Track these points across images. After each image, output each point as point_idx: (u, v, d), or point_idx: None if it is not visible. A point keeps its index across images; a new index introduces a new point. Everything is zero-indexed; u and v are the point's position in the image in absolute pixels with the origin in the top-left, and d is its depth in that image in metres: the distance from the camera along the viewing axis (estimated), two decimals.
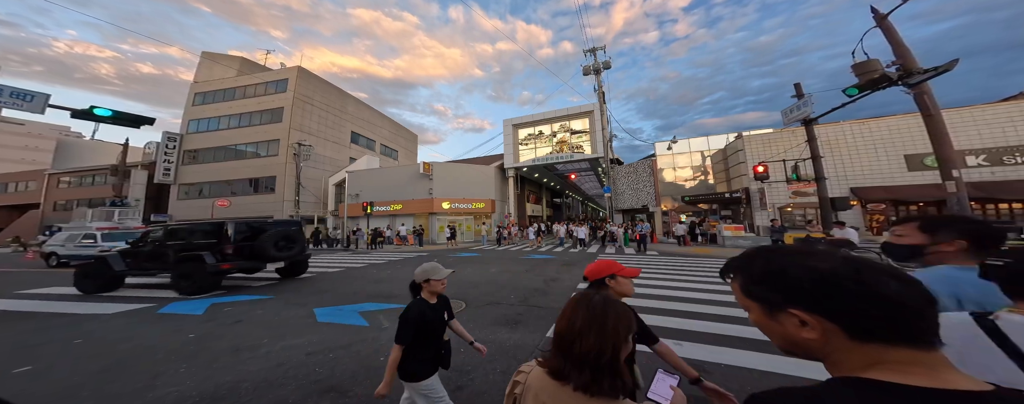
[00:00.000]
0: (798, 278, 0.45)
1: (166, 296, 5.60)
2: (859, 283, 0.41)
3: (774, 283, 0.47)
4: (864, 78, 6.70)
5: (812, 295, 0.44)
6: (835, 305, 0.42)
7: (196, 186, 24.32)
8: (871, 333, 0.41)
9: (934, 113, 6.39)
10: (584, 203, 48.95)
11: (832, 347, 0.43)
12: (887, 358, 0.40)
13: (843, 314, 0.42)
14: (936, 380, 0.37)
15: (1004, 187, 11.53)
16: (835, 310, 0.42)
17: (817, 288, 0.43)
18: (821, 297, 0.43)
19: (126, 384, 2.55)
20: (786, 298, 0.45)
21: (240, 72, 26.26)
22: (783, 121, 9.48)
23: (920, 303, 0.40)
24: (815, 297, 0.43)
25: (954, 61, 5.88)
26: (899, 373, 0.38)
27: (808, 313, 0.43)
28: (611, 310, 0.75)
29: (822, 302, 0.43)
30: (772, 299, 0.47)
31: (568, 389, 0.72)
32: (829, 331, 0.42)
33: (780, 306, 0.46)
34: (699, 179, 21.75)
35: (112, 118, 5.78)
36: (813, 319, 0.43)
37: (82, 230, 11.04)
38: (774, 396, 0.42)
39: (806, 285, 0.44)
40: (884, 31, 6.70)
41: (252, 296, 5.50)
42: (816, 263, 0.45)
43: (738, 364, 2.57)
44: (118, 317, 4.48)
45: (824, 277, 0.43)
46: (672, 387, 0.81)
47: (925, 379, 0.37)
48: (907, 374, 0.38)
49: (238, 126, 24.22)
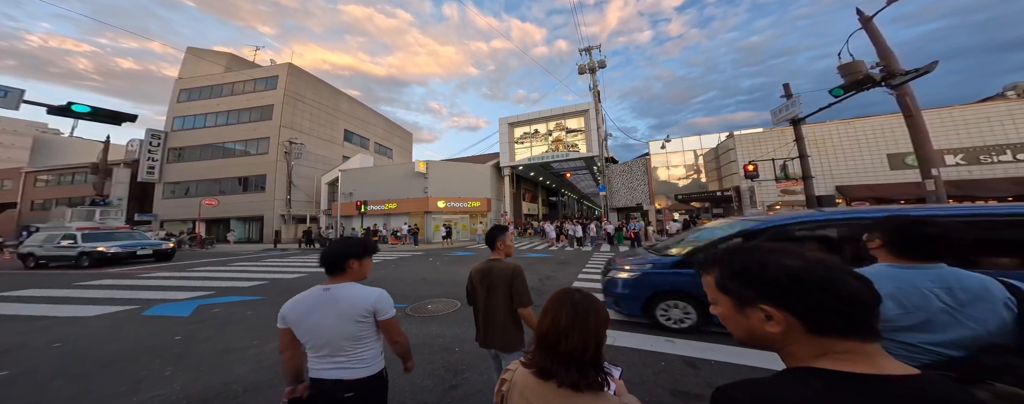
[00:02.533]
0: (774, 276, 0.47)
1: (151, 298, 5.45)
2: (827, 281, 0.45)
3: (750, 279, 0.50)
4: (849, 79, 6.88)
5: (784, 292, 0.46)
6: (802, 302, 0.45)
7: (182, 185, 23.68)
8: (828, 328, 0.44)
9: (915, 114, 6.61)
10: (580, 202, 49.25)
11: (790, 340, 0.47)
12: (834, 349, 0.44)
13: (808, 310, 0.45)
14: (874, 367, 0.42)
15: (980, 185, 12.00)
16: (802, 306, 0.45)
17: (789, 285, 0.46)
18: (791, 294, 0.46)
19: (108, 388, 2.47)
20: (759, 294, 0.48)
21: (228, 69, 25.58)
22: (772, 121, 9.68)
23: (872, 300, 0.45)
24: (786, 294, 0.46)
25: (934, 63, 6.08)
26: (844, 362, 0.43)
27: (776, 309, 0.46)
28: (592, 308, 0.77)
29: (791, 299, 0.46)
30: (745, 294, 0.50)
31: (552, 386, 0.73)
32: (791, 326, 0.46)
33: (751, 301, 0.49)
34: (692, 178, 22.10)
35: (91, 115, 5.58)
36: (779, 314, 0.46)
37: (61, 230, 10.65)
38: (736, 386, 0.46)
39: (780, 282, 0.47)
40: (869, 33, 6.88)
41: (241, 297, 5.39)
42: (789, 261, 0.48)
43: (727, 360, 2.63)
44: (100, 319, 4.35)
45: (796, 275, 0.46)
46: (618, 377, 0.83)
47: (865, 366, 0.42)
48: (851, 363, 0.43)
49: (226, 123, 23.62)
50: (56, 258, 10.03)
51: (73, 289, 6.42)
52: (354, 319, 1.22)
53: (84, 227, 10.87)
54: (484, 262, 1.74)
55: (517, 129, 21.84)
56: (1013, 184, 11.71)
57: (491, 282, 1.64)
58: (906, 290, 0.87)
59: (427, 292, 5.38)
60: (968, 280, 0.87)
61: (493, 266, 1.68)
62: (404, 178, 19.12)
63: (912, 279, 0.89)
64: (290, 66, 23.70)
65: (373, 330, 1.27)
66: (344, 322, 1.21)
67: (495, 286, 1.63)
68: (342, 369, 1.20)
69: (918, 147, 6.67)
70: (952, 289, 0.86)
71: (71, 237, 10.20)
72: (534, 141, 21.39)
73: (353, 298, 1.24)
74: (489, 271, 1.67)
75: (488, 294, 1.65)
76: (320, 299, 1.24)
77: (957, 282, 0.87)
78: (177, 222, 23.08)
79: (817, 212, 3.09)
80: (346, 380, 1.19)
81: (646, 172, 20.54)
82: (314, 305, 1.24)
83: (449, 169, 19.51)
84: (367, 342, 1.25)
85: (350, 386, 1.19)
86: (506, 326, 1.62)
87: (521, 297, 1.59)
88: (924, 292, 0.87)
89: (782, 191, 14.30)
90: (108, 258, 9.83)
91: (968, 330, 0.81)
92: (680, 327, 3.22)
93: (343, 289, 1.25)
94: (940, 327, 0.84)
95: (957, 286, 0.86)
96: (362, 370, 1.21)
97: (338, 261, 1.27)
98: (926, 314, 0.85)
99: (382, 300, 1.28)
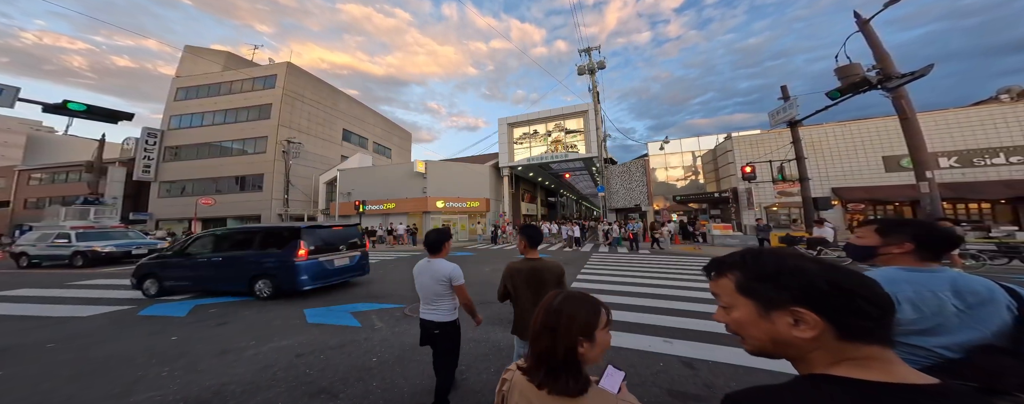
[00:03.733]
0: (812, 279, 0.46)
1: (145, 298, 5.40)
2: (863, 287, 0.45)
3: (785, 282, 0.48)
4: (846, 82, 6.94)
5: (822, 295, 0.45)
6: (839, 306, 0.45)
7: (178, 183, 23.48)
8: (858, 333, 0.44)
9: (910, 116, 6.68)
10: (578, 202, 49.32)
11: (816, 345, 0.46)
12: (851, 355, 0.43)
13: (843, 314, 0.44)
14: (890, 375, 0.41)
15: (974, 188, 12.14)
16: (838, 311, 0.45)
17: (827, 289, 0.45)
18: (829, 298, 0.45)
19: (103, 389, 2.45)
20: (795, 297, 0.47)
21: (226, 67, 25.42)
22: (770, 123, 9.74)
23: (892, 306, 0.45)
24: (825, 297, 0.45)
25: (929, 66, 6.15)
26: (861, 369, 0.42)
27: (813, 312, 0.45)
28: (565, 311, 0.75)
29: (828, 303, 0.45)
30: (777, 297, 0.48)
31: (532, 386, 0.75)
32: (824, 330, 0.45)
33: (782, 304, 0.47)
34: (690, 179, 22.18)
35: (88, 113, 5.53)
36: (814, 318, 0.45)
37: (55, 229, 10.53)
38: (748, 395, 0.45)
39: (819, 286, 0.45)
40: (866, 35, 6.95)
41: (238, 298, 5.36)
42: (825, 268, 0.47)
43: (725, 361, 2.64)
44: (95, 319, 4.30)
45: (834, 280, 0.45)
46: (621, 382, 0.82)
47: (881, 374, 0.41)
48: (867, 369, 0.42)
49: (223, 122, 23.46)
50: (49, 257, 9.91)
51: (67, 289, 6.35)
52: (437, 281, 1.95)
53: (78, 226, 10.75)
54: (522, 261, 1.88)
55: (516, 129, 21.85)
56: (1005, 187, 11.85)
57: (540, 279, 1.79)
58: (924, 295, 0.87)
59: None
60: (976, 284, 0.87)
61: (536, 265, 1.84)
62: (403, 178, 19.08)
63: (928, 283, 0.89)
64: (289, 65, 23.60)
65: (449, 290, 1.98)
66: (433, 283, 1.95)
67: (544, 283, 1.78)
68: (432, 313, 1.98)
69: (913, 150, 6.74)
70: (962, 292, 0.86)
71: (65, 236, 10.08)
72: (533, 141, 21.40)
73: (441, 268, 1.96)
74: (535, 270, 1.82)
75: (536, 291, 1.78)
76: (424, 267, 2.02)
77: (965, 285, 0.87)
78: (173, 221, 22.90)
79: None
80: (434, 321, 1.97)
81: (645, 173, 20.60)
82: (421, 271, 2.02)
83: (448, 169, 19.48)
84: (445, 298, 1.98)
85: (436, 326, 1.97)
86: None
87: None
88: (939, 295, 0.87)
89: (779, 193, 14.39)
90: (103, 258, 9.72)
91: (974, 332, 0.82)
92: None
93: (436, 262, 2.00)
94: (949, 330, 0.83)
95: (966, 289, 0.86)
96: (443, 316, 1.98)
97: (437, 244, 2.03)
98: (941, 318, 0.85)
99: (455, 272, 1.98)
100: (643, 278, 6.31)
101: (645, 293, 5.01)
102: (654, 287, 5.43)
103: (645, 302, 4.51)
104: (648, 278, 6.30)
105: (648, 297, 4.78)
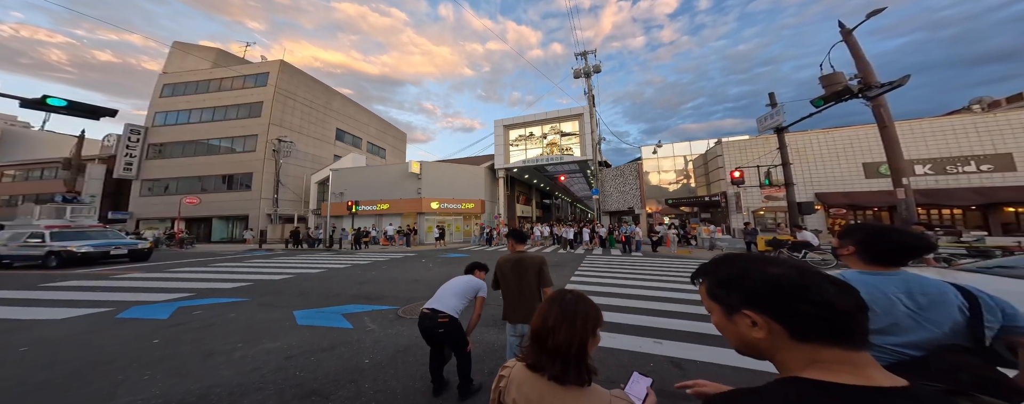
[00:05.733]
0: (754, 282, 0.49)
1: (126, 300, 5.21)
2: (801, 287, 0.46)
3: (734, 286, 0.51)
4: (830, 90, 7.23)
5: (763, 297, 0.48)
6: (780, 306, 0.47)
7: (161, 182, 22.73)
8: (808, 333, 0.45)
9: (889, 125, 6.99)
10: (573, 204, 49.64)
11: (777, 346, 0.47)
12: (821, 358, 0.44)
13: (786, 315, 0.46)
14: (861, 378, 0.42)
15: (947, 194, 12.74)
16: (780, 311, 0.47)
17: (767, 291, 0.48)
18: (770, 299, 0.48)
19: (81, 395, 2.35)
20: (742, 300, 0.50)
21: (216, 64, 24.88)
22: (758, 129, 10.04)
23: (852, 308, 0.45)
24: (765, 299, 0.48)
25: (906, 77, 6.46)
26: (830, 372, 0.43)
27: (759, 314, 0.48)
28: (580, 309, 0.81)
29: (770, 304, 0.47)
30: (731, 301, 0.51)
31: (544, 379, 0.78)
32: (775, 331, 0.47)
33: (737, 308, 0.50)
34: (682, 183, 22.65)
35: (68, 109, 5.33)
36: (762, 319, 0.47)
37: (28, 228, 10.05)
38: (726, 398, 0.47)
39: (760, 288, 0.48)
40: (849, 45, 7.27)
41: (224, 299, 5.21)
42: (770, 269, 0.49)
43: (713, 360, 2.70)
44: (71, 322, 4.12)
45: (774, 281, 0.48)
46: (647, 388, 0.85)
47: (851, 377, 0.42)
48: (836, 372, 0.42)
49: (212, 120, 22.88)
50: (21, 258, 9.44)
51: (40, 291, 6.06)
52: (468, 287, 2.31)
53: (53, 225, 10.28)
54: (512, 253, 2.26)
55: (512, 131, 21.94)
56: (975, 193, 12.47)
57: (523, 268, 2.14)
58: (874, 295, 0.91)
59: (420, 293, 5.32)
60: (928, 285, 0.92)
61: (522, 256, 2.19)
62: (397, 178, 18.89)
63: (879, 284, 0.94)
64: (282, 63, 23.22)
65: (470, 300, 2.31)
66: (528, 265, 2.17)
67: (526, 270, 2.13)
68: (441, 306, 2.22)
69: (890, 157, 7.06)
70: (913, 293, 0.91)
71: (39, 236, 9.63)
72: (529, 143, 21.52)
73: (532, 257, 2.22)
74: (519, 260, 2.17)
75: (520, 278, 2.13)
76: (509, 257, 2.26)
77: (918, 287, 0.92)
78: (155, 221, 22.12)
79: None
80: (440, 311, 2.19)
81: (638, 176, 20.93)
82: (457, 279, 2.38)
83: (443, 170, 19.39)
84: (460, 301, 2.24)
85: (441, 316, 2.17)
86: (534, 303, 2.09)
87: (546, 279, 2.13)
88: (890, 297, 0.91)
89: (766, 197, 14.80)
90: (78, 258, 9.31)
91: (927, 332, 0.87)
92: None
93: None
94: (904, 330, 0.88)
95: (918, 291, 0.91)
96: (450, 311, 2.20)
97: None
98: (892, 318, 0.90)
99: (482, 287, 2.35)
100: (636, 280, 6.39)
101: (637, 294, 5.08)
102: (646, 289, 5.52)
103: (637, 303, 4.57)
104: (640, 280, 6.39)
105: (640, 298, 4.85)
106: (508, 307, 2.18)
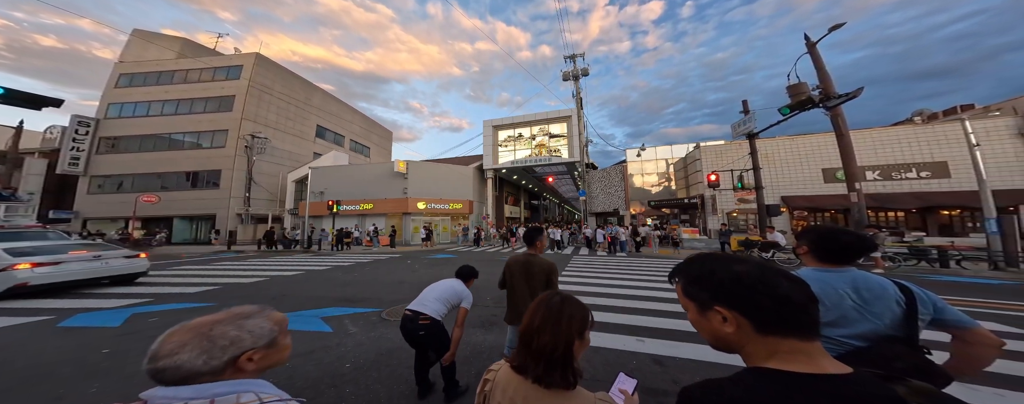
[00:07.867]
0: (721, 279, 0.53)
1: (69, 306, 4.69)
2: (760, 283, 0.50)
3: (704, 284, 0.55)
4: (795, 99, 7.83)
5: (729, 291, 0.51)
6: (744, 300, 0.50)
7: (114, 178, 20.76)
8: (768, 325, 0.49)
9: (845, 133, 7.65)
10: (561, 206, 50.28)
11: (744, 340, 0.51)
12: (780, 349, 0.48)
13: (750, 308, 0.50)
14: (813, 366, 0.46)
15: (893, 198, 14.08)
16: (745, 305, 0.50)
17: (731, 285, 0.51)
18: (735, 293, 0.51)
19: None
20: (712, 296, 0.53)
21: (181, 54, 23.13)
22: (732, 134, 10.67)
23: (804, 300, 0.49)
24: (731, 293, 0.51)
25: (859, 89, 7.11)
26: (787, 362, 0.47)
27: (728, 309, 0.51)
28: (566, 310, 0.80)
29: (736, 298, 0.51)
30: (702, 298, 0.55)
31: (528, 382, 0.77)
32: (742, 326, 0.50)
33: (709, 304, 0.53)
34: (663, 185, 23.55)
35: (5, 97, 4.76)
36: (731, 315, 0.51)
37: None
38: (700, 386, 0.50)
39: (726, 283, 0.52)
40: (813, 57, 7.90)
41: (188, 304, 4.83)
42: (735, 266, 0.53)
43: (693, 357, 2.82)
44: (6, 332, 3.67)
45: (736, 277, 0.51)
46: (625, 390, 0.86)
47: (805, 366, 0.46)
48: (792, 362, 0.47)
49: (175, 113, 21.21)
50: None
51: None
52: (453, 293, 2.18)
53: None
54: (522, 254, 2.19)
55: (501, 132, 21.96)
56: (915, 198, 13.89)
57: (532, 271, 2.11)
58: (825, 290, 1.01)
59: (404, 295, 5.18)
60: (871, 281, 1.02)
61: (532, 259, 2.13)
62: (382, 177, 18.34)
63: (830, 281, 1.03)
64: (258, 56, 21.96)
65: (453, 307, 2.19)
66: (537, 270, 2.11)
67: (535, 274, 2.10)
68: (423, 309, 2.15)
69: (846, 164, 7.72)
70: (859, 289, 1.01)
71: None
72: (518, 144, 21.62)
73: (542, 262, 2.14)
74: (529, 263, 2.12)
75: (527, 281, 2.10)
76: (519, 258, 2.19)
77: (863, 283, 1.02)
78: (105, 221, 20.13)
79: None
80: (420, 313, 2.12)
81: (623, 179, 21.57)
82: (444, 283, 2.26)
83: (430, 170, 19.05)
84: (442, 306, 2.14)
85: (423, 318, 2.10)
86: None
87: (553, 287, 2.09)
88: (839, 292, 1.00)
89: (739, 200, 15.71)
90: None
91: (870, 324, 0.96)
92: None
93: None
94: (850, 322, 0.98)
95: (863, 286, 1.01)
96: (432, 314, 2.13)
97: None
98: (840, 311, 0.98)
99: (467, 296, 2.20)
100: (620, 280, 6.56)
101: (621, 294, 5.21)
102: (629, 288, 5.67)
103: (621, 303, 4.68)
104: (624, 280, 6.56)
105: (624, 298, 4.97)
106: (512, 309, 2.14)
